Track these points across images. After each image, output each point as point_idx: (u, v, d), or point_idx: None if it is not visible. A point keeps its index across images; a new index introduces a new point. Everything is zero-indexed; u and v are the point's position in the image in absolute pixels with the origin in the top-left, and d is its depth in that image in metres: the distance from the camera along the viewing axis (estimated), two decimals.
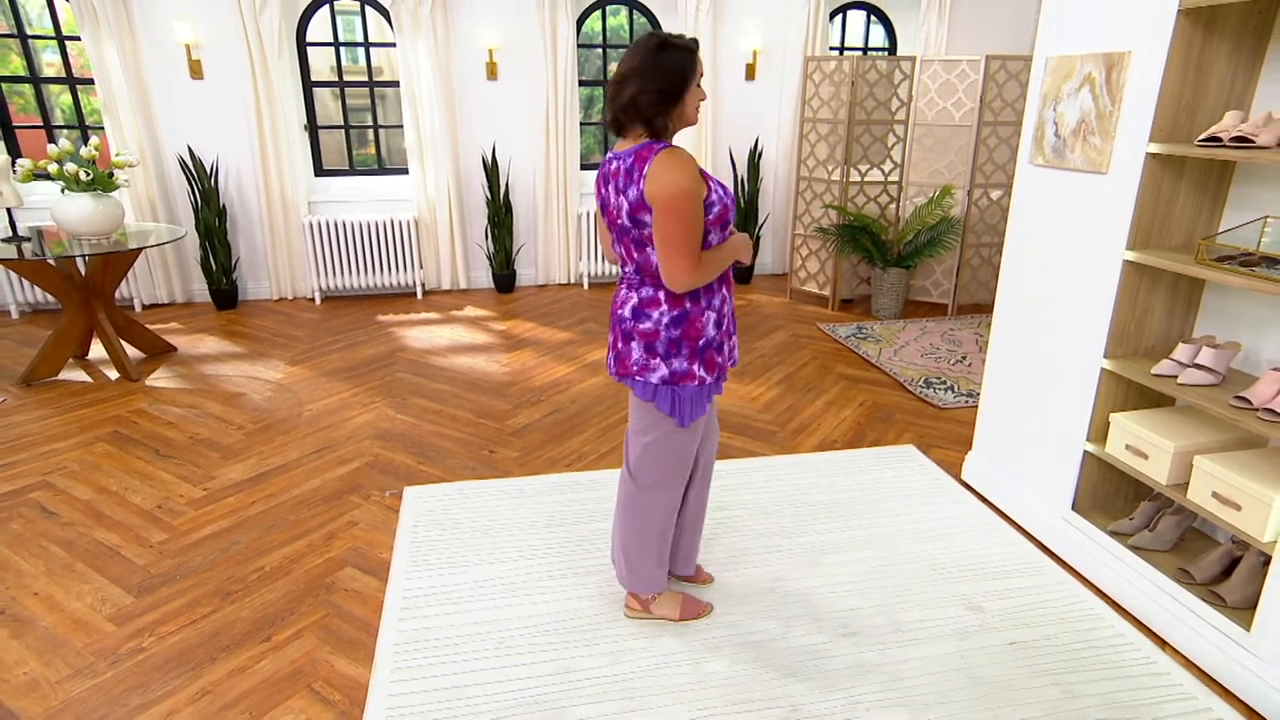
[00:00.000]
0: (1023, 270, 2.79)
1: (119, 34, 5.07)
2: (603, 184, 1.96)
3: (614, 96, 1.86)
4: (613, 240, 2.03)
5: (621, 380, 2.03)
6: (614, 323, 2.04)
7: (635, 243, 1.91)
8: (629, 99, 1.82)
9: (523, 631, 2.25)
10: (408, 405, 3.90)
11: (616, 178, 1.89)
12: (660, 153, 1.80)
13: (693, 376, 1.96)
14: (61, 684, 2.05)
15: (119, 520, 2.84)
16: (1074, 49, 2.47)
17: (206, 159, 5.47)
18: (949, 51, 6.23)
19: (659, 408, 2.00)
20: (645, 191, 1.81)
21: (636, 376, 1.98)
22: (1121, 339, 2.41)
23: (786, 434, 3.61)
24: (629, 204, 1.86)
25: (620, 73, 1.85)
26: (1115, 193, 2.34)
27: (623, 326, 1.99)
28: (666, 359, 1.94)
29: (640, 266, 1.95)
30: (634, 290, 1.98)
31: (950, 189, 5.12)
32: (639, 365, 1.97)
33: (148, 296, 5.62)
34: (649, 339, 1.95)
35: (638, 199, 1.83)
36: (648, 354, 1.96)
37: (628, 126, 1.88)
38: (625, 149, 1.89)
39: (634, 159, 1.84)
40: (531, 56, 5.77)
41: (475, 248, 6.16)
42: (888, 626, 2.29)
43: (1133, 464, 2.36)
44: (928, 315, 5.45)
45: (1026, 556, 2.65)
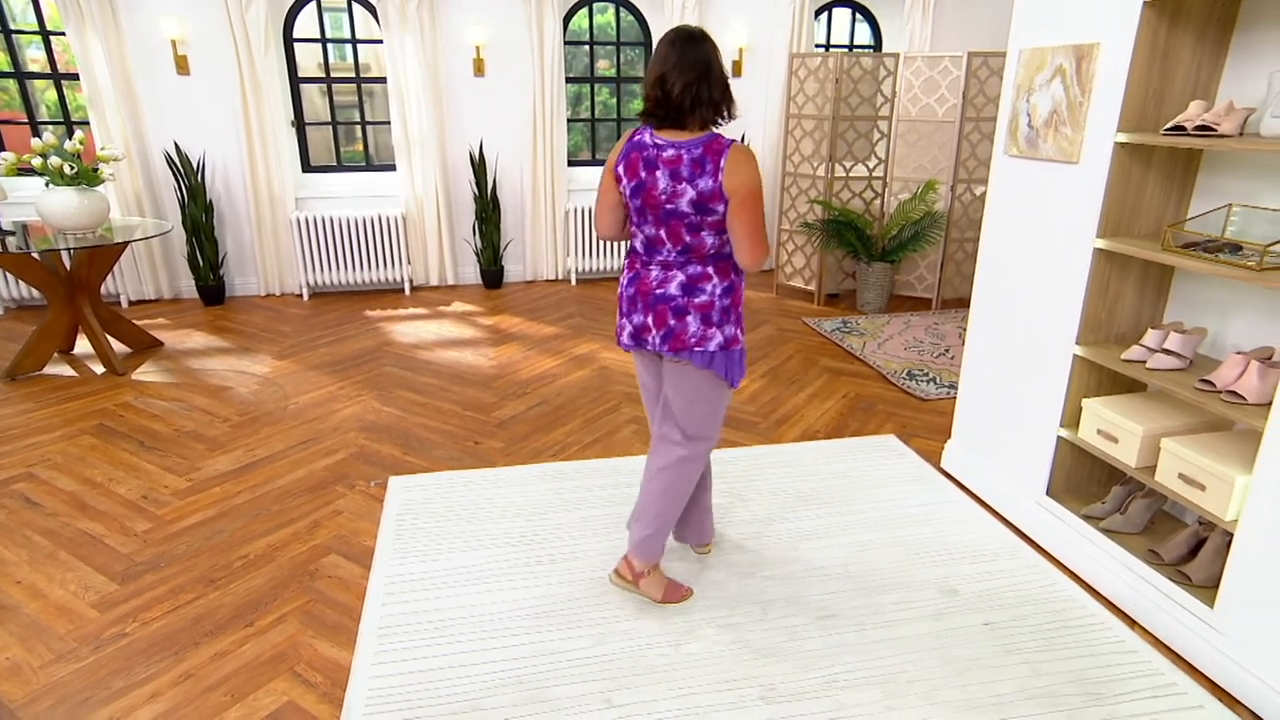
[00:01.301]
0: (999, 260, 2.84)
1: (104, 29, 5.07)
2: (643, 168, 2.01)
3: (683, 90, 1.93)
4: (638, 221, 2.09)
5: (675, 355, 2.11)
6: (652, 302, 2.10)
7: (690, 227, 2.01)
8: (706, 94, 1.94)
9: (505, 615, 2.28)
10: (394, 398, 3.91)
11: (676, 165, 1.97)
12: (733, 147, 1.95)
13: (738, 340, 2.13)
14: (44, 668, 2.06)
15: (103, 510, 2.85)
16: (1045, 41, 2.52)
17: (193, 155, 5.47)
18: (933, 48, 6.29)
19: (716, 373, 2.13)
20: (725, 184, 1.93)
21: (695, 348, 2.08)
22: (1093, 326, 2.46)
23: (769, 425, 3.64)
24: (698, 193, 1.95)
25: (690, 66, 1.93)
26: (1086, 182, 2.38)
27: (673, 304, 2.07)
28: (720, 326, 2.08)
29: (690, 248, 2.05)
30: (676, 270, 2.07)
31: (934, 184, 5.17)
32: (696, 336, 2.08)
33: (134, 292, 5.61)
34: (705, 310, 2.07)
35: (714, 190, 1.94)
36: (704, 325, 2.07)
37: (690, 118, 1.96)
38: (681, 139, 1.98)
39: (704, 150, 1.95)
40: (519, 53, 5.79)
41: (463, 244, 6.17)
42: (865, 609, 2.33)
43: (1104, 448, 2.40)
44: (912, 309, 5.50)
45: (1002, 541, 2.69)
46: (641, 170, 2.02)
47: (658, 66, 1.96)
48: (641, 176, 2.02)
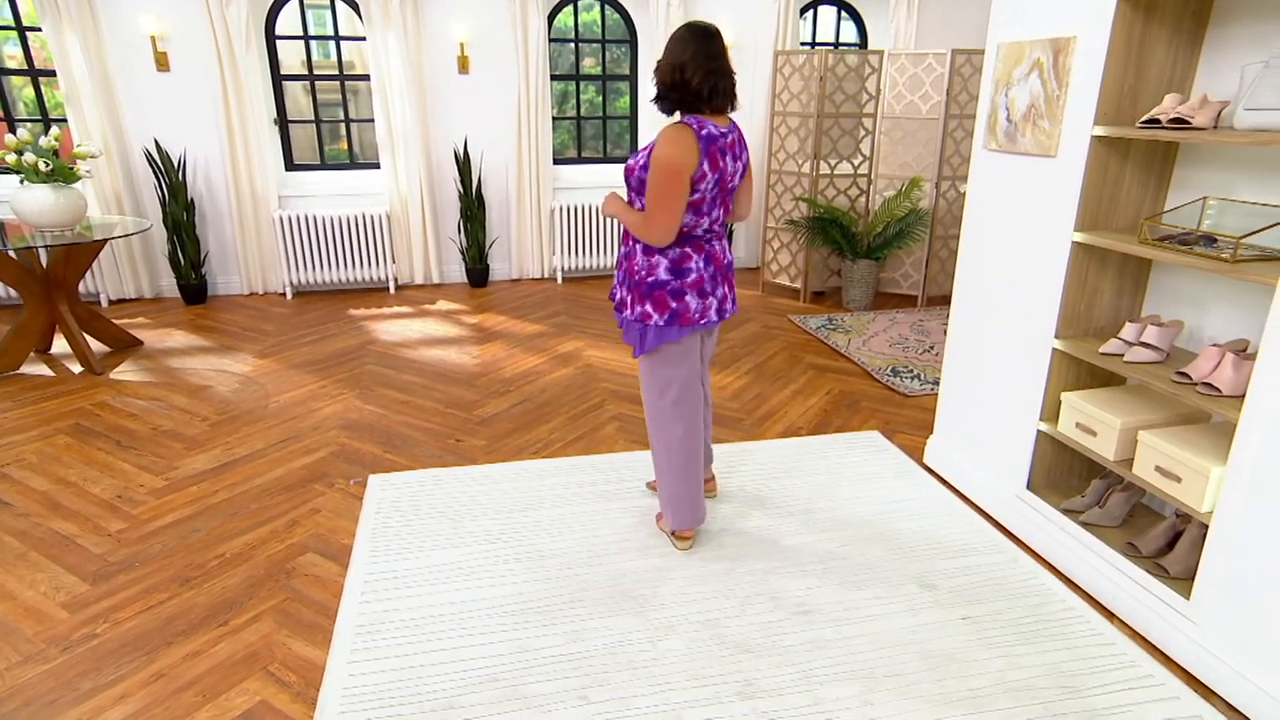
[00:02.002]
0: (979, 254, 2.84)
1: (81, 25, 5.01)
2: (720, 156, 2.21)
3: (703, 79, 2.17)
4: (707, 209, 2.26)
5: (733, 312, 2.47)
6: (726, 271, 2.41)
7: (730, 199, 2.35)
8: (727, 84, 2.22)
9: (482, 613, 2.26)
10: (376, 396, 3.89)
11: (734, 148, 2.28)
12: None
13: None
14: (10, 670, 2.03)
15: (76, 510, 2.81)
16: (1023, 35, 2.52)
17: (174, 152, 5.42)
18: (918, 46, 6.30)
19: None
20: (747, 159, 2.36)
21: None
22: (1072, 320, 2.46)
23: (753, 421, 3.64)
24: (744, 166, 2.34)
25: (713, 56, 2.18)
26: (1063, 175, 2.38)
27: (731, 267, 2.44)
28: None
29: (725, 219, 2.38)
30: (724, 238, 2.42)
31: (918, 181, 5.18)
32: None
33: (114, 291, 5.55)
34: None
35: (747, 163, 2.36)
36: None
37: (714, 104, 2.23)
38: (725, 124, 2.26)
39: (738, 131, 2.32)
40: (503, 51, 5.77)
41: (448, 242, 6.14)
42: (843, 604, 2.32)
43: (1083, 441, 2.41)
44: (898, 307, 5.51)
45: (983, 536, 2.69)
46: (720, 159, 2.21)
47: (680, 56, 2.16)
48: (721, 165, 2.22)
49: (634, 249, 2.33)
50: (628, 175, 2.28)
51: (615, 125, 6.55)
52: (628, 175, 2.28)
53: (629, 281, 2.34)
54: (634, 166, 2.25)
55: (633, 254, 2.33)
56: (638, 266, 2.31)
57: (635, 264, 2.32)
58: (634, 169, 2.25)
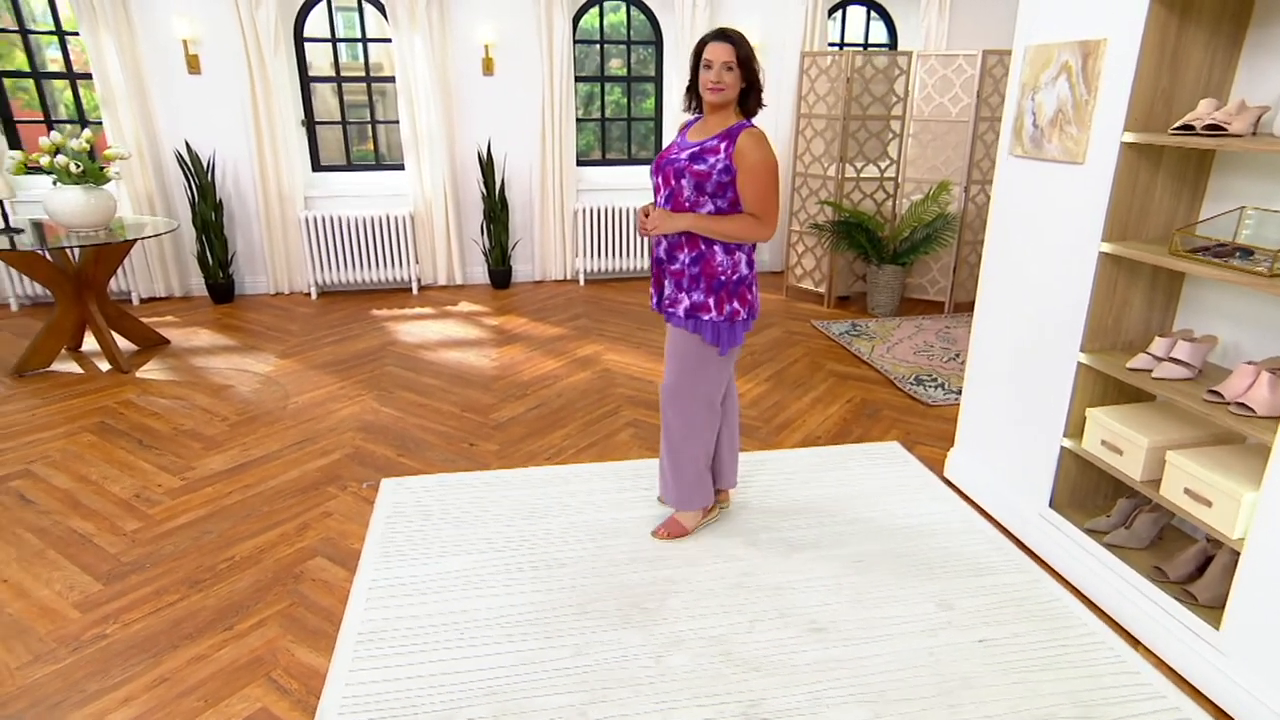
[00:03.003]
0: (1003, 263, 2.75)
1: (117, 29, 5.11)
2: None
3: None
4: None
5: None
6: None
7: None
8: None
9: (486, 623, 2.24)
10: (393, 398, 3.90)
11: None
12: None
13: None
14: (21, 669, 2.05)
15: (95, 509, 2.85)
16: (1052, 38, 2.43)
17: (204, 153, 5.50)
18: (949, 47, 6.17)
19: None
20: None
21: None
22: (1099, 332, 2.37)
23: (770, 430, 3.58)
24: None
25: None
26: (1091, 183, 2.29)
27: None
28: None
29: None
30: None
31: (947, 185, 5.07)
32: None
33: (145, 290, 5.66)
34: None
35: None
36: None
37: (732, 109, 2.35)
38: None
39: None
40: (528, 52, 5.77)
41: (471, 243, 6.16)
42: (856, 623, 2.26)
43: (1108, 459, 2.31)
44: (924, 313, 5.40)
45: (1003, 554, 2.61)
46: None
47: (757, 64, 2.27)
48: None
49: (710, 249, 2.32)
50: (702, 180, 2.25)
51: (641, 127, 6.51)
52: (702, 180, 2.25)
53: (709, 284, 2.33)
54: (708, 172, 2.24)
55: (709, 255, 2.32)
56: (720, 266, 2.33)
57: (716, 264, 2.32)
58: (709, 174, 2.24)
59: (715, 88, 2.22)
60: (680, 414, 2.51)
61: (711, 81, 2.22)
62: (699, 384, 2.46)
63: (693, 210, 2.31)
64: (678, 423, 2.52)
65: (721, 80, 2.22)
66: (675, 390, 2.49)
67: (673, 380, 2.48)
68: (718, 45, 2.21)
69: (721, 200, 2.29)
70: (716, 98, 2.24)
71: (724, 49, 2.20)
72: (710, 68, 2.22)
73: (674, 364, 2.47)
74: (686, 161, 2.27)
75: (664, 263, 2.41)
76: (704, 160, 2.26)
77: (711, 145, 2.27)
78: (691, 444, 2.54)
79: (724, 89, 2.23)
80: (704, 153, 2.26)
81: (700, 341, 2.40)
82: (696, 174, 2.25)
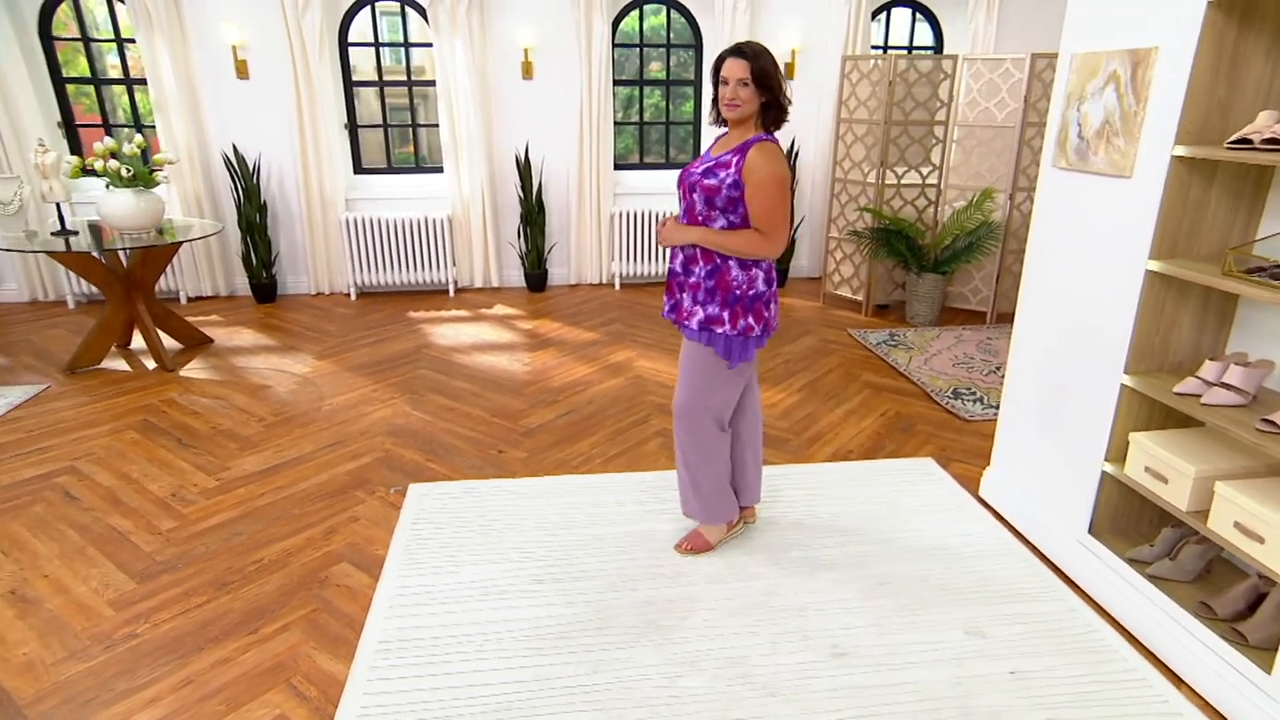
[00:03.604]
0: (1044, 277, 2.65)
1: (170, 36, 5.26)
2: None
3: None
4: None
5: None
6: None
7: None
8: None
9: (504, 636, 2.24)
10: (425, 402, 3.93)
11: None
12: None
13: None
14: (56, 666, 2.11)
15: (134, 507, 2.93)
16: (1100, 45, 2.33)
17: (250, 156, 5.63)
18: (997, 50, 6.00)
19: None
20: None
21: None
22: (1144, 354, 2.27)
23: (801, 442, 3.52)
24: None
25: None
26: (1139, 198, 2.19)
27: None
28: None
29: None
30: None
31: (991, 192, 4.93)
32: None
33: (193, 289, 5.81)
34: None
35: None
36: None
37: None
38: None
39: None
40: (566, 56, 5.77)
41: (508, 246, 6.20)
42: (882, 649, 2.20)
43: (1152, 487, 2.21)
44: (965, 323, 5.26)
45: (1040, 580, 2.51)
46: None
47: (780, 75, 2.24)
48: None
49: (725, 264, 2.30)
50: (712, 194, 2.23)
51: (679, 130, 6.48)
52: (712, 194, 2.23)
53: (724, 298, 2.31)
54: (718, 186, 2.22)
55: (724, 269, 2.30)
56: (735, 281, 2.30)
57: (731, 279, 2.30)
58: (718, 189, 2.22)
59: (730, 104, 2.20)
60: (690, 432, 2.48)
61: (727, 98, 2.20)
62: (710, 399, 2.43)
63: (705, 225, 2.28)
64: (689, 441, 2.49)
65: (737, 96, 2.19)
66: (687, 407, 2.45)
67: (685, 396, 2.45)
68: (733, 62, 2.18)
69: (733, 215, 2.26)
70: (733, 114, 2.22)
71: (738, 65, 2.17)
72: (726, 84, 2.20)
73: (685, 378, 2.45)
74: (699, 176, 2.26)
75: (680, 275, 2.39)
76: (715, 175, 2.23)
77: (725, 159, 2.24)
78: (705, 462, 2.51)
79: (739, 105, 2.20)
80: (716, 167, 2.24)
81: (712, 354, 2.37)
82: (706, 189, 2.24)
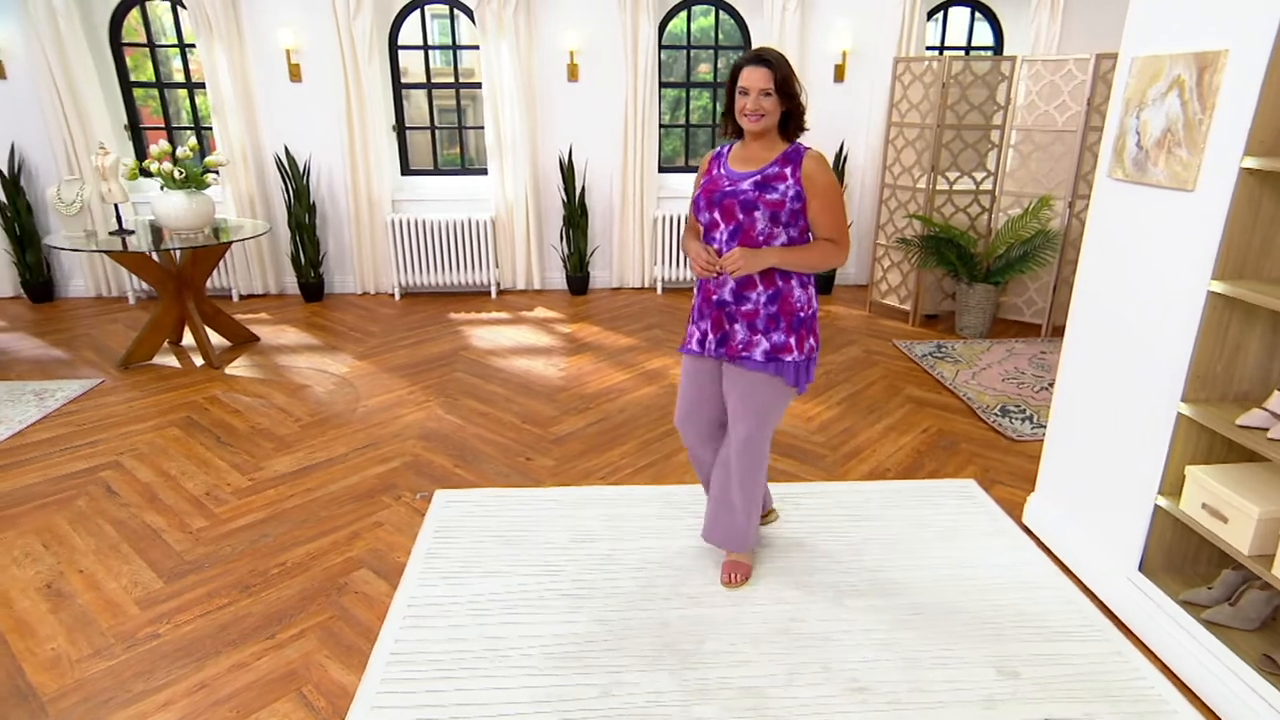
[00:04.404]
0: (1096, 295, 2.50)
1: (229, 41, 5.40)
2: None
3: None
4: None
5: None
6: None
7: None
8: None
9: (517, 652, 2.20)
10: (458, 406, 3.94)
11: None
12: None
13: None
14: (80, 663, 2.15)
15: (169, 505, 2.99)
16: (1163, 48, 2.17)
17: (300, 158, 5.75)
18: (1061, 51, 5.74)
19: None
20: None
21: None
22: (1204, 381, 2.10)
23: (837, 458, 3.40)
24: None
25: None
26: (1201, 213, 2.03)
27: None
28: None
29: None
30: None
31: (1049, 200, 4.71)
32: None
33: (245, 287, 5.97)
34: None
35: None
36: None
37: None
38: None
39: None
40: (612, 58, 5.74)
41: (550, 249, 6.19)
42: (905, 685, 2.09)
43: (1210, 526, 2.05)
44: (1018, 335, 5.04)
45: (1083, 618, 2.36)
46: None
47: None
48: None
49: (788, 285, 2.21)
50: (778, 209, 2.13)
51: None
52: (778, 209, 2.13)
53: (790, 322, 2.22)
54: (782, 201, 2.12)
55: (787, 291, 2.21)
56: (798, 303, 2.23)
57: (794, 301, 2.22)
58: (783, 203, 2.13)
59: (754, 115, 2.09)
60: (751, 465, 2.36)
61: (749, 109, 2.09)
62: (769, 428, 2.35)
63: (767, 244, 2.17)
64: (749, 473, 2.37)
65: (760, 107, 2.08)
66: (752, 441, 2.32)
67: (748, 430, 2.31)
68: (754, 70, 2.06)
69: (794, 229, 2.18)
70: (756, 125, 2.10)
71: (761, 74, 2.06)
72: (747, 94, 2.08)
73: (750, 414, 2.29)
74: (755, 192, 2.13)
75: (730, 304, 2.23)
76: (773, 189, 2.12)
77: (774, 172, 2.13)
78: (758, 489, 2.44)
79: (763, 115, 2.09)
80: (769, 180, 2.13)
81: (781, 384, 2.26)
82: (771, 204, 2.12)
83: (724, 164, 2.24)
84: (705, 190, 2.22)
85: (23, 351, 4.73)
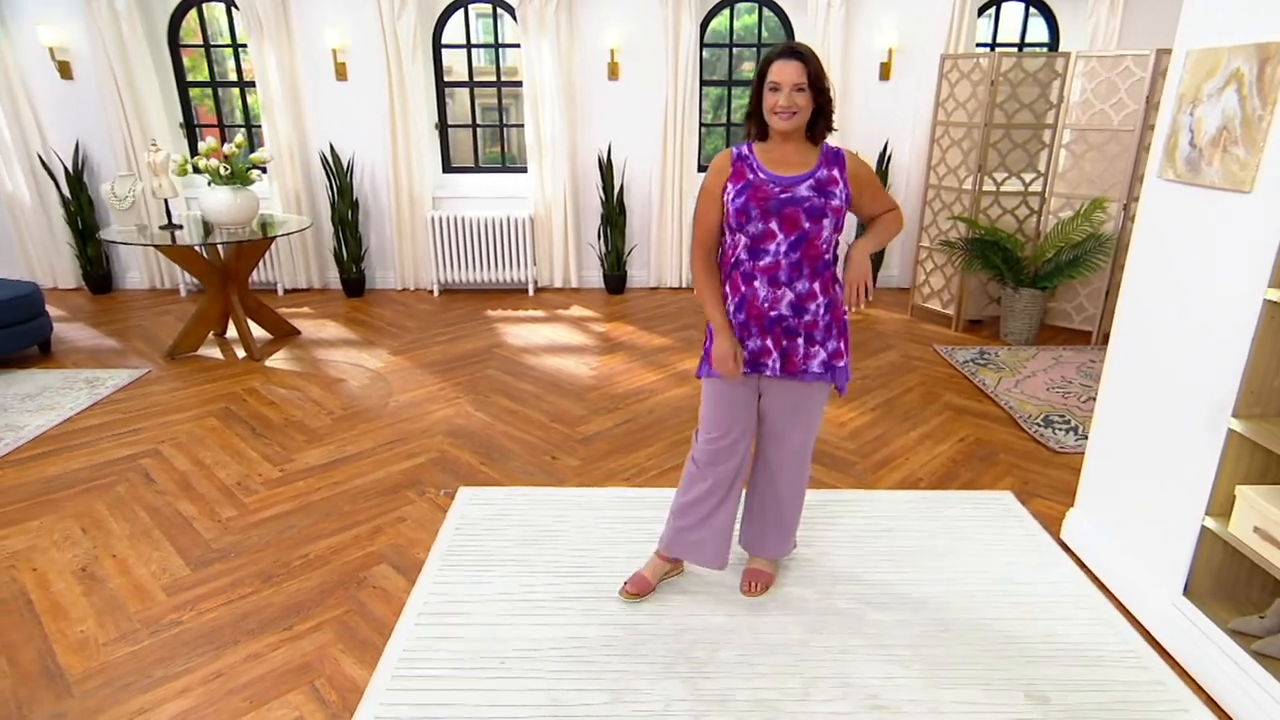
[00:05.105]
0: (1143, 301, 2.37)
1: (278, 42, 5.53)
2: None
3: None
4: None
5: None
6: None
7: None
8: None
9: (529, 654, 2.18)
10: (488, 403, 3.95)
11: None
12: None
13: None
14: (106, 646, 2.21)
15: (202, 493, 3.06)
16: (1220, 40, 2.05)
17: (345, 155, 5.85)
18: (1120, 46, 5.51)
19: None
20: None
21: None
22: (1258, 396, 1.97)
23: (868, 466, 3.31)
24: None
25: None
26: (1260, 216, 1.91)
27: None
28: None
29: None
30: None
31: (1102, 202, 4.51)
32: None
33: (289, 281, 6.10)
34: None
35: None
36: None
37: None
38: None
39: None
40: (653, 57, 5.70)
41: (588, 247, 6.19)
42: (924, 704, 2.01)
43: (1262, 551, 1.92)
44: (1066, 343, 4.85)
45: (1121, 643, 2.24)
46: None
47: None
48: None
49: (836, 292, 2.14)
50: (839, 215, 2.07)
51: None
52: (839, 215, 2.07)
53: (840, 328, 2.18)
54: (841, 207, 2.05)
55: (837, 298, 2.15)
56: (842, 307, 2.17)
57: (840, 306, 2.16)
58: (842, 209, 2.06)
59: (786, 112, 1.95)
60: (806, 469, 2.39)
61: (782, 105, 1.95)
62: (816, 431, 2.34)
63: (829, 253, 2.12)
64: (803, 477, 2.39)
65: (793, 103, 1.95)
66: (804, 449, 2.32)
67: (803, 439, 2.29)
68: (786, 64, 1.94)
69: (838, 233, 2.14)
70: (788, 123, 1.96)
71: (793, 68, 1.93)
72: (779, 90, 1.95)
73: (803, 423, 2.26)
74: (822, 199, 2.02)
75: (789, 318, 2.10)
76: (832, 194, 2.03)
77: (825, 176, 2.03)
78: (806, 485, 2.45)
79: (795, 112, 1.96)
80: (824, 185, 2.03)
81: (829, 389, 2.27)
82: (836, 210, 2.05)
83: (759, 167, 2.05)
84: (755, 198, 2.01)
85: (80, 341, 4.91)
